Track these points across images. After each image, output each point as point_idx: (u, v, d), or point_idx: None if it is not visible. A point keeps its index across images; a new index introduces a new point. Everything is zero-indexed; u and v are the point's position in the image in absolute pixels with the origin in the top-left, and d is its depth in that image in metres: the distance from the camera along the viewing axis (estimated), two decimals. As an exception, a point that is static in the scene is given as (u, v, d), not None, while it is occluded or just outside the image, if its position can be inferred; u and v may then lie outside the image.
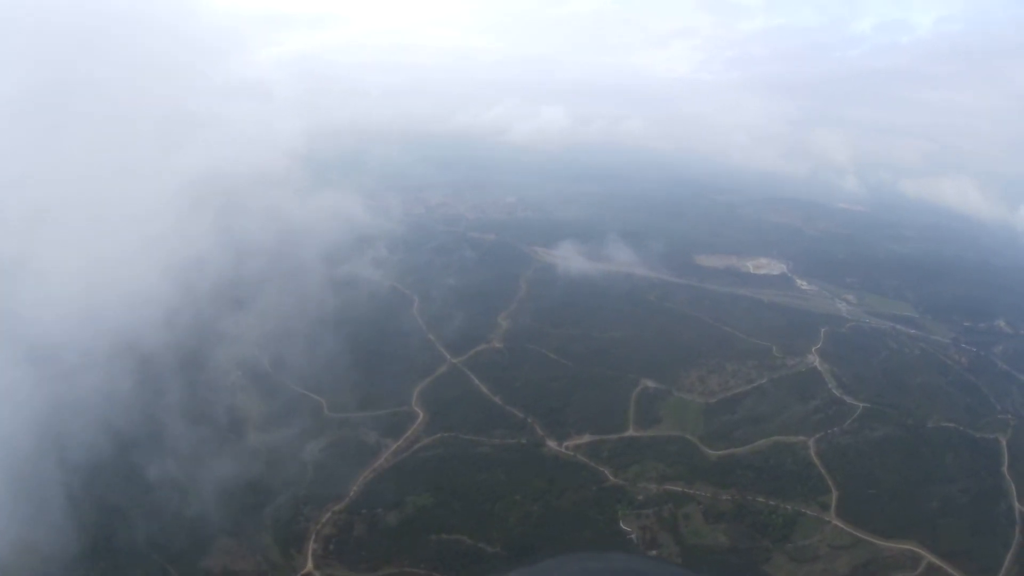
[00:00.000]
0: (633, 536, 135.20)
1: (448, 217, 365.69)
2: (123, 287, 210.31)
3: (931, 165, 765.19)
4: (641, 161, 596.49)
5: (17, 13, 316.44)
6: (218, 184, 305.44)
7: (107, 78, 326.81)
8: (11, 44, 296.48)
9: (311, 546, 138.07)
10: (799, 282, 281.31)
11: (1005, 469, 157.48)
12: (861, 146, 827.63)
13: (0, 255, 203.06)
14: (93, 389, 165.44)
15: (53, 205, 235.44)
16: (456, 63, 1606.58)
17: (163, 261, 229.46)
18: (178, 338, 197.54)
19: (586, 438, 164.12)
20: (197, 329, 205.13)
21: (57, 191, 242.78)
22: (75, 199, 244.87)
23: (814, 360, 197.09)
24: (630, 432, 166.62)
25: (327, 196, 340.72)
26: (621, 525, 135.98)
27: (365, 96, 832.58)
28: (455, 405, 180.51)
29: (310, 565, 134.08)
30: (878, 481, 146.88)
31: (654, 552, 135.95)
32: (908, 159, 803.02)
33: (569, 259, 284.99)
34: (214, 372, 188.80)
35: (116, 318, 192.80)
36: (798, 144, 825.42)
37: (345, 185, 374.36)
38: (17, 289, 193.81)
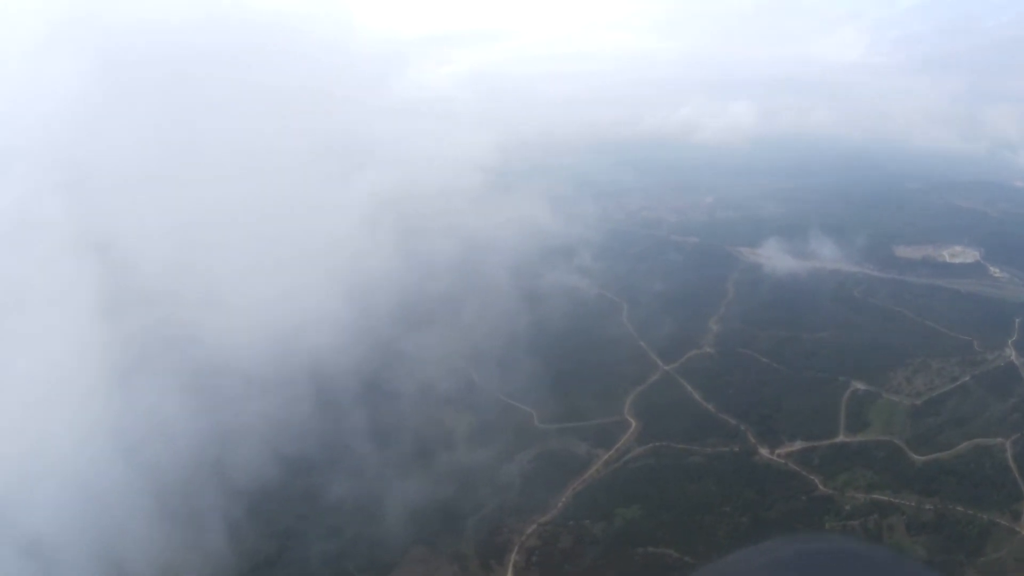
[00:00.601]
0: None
1: (649, 221, 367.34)
2: (330, 309, 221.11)
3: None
4: (828, 151, 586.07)
5: (193, 52, 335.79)
6: (409, 204, 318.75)
7: (285, 107, 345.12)
8: (193, 82, 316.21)
9: (512, 558, 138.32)
10: (991, 269, 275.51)
11: None
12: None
13: (184, 283, 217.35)
14: (287, 409, 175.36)
15: (237, 232, 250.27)
16: (634, 66, 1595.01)
17: (359, 280, 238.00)
18: (380, 353, 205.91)
19: (798, 445, 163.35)
20: (402, 342, 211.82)
21: (241, 218, 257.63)
22: (260, 226, 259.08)
23: (1011, 354, 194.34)
24: (840, 438, 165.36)
25: (524, 208, 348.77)
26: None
27: (548, 106, 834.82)
28: (668, 413, 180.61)
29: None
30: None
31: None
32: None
33: (774, 258, 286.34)
34: (419, 384, 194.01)
35: (319, 340, 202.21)
36: (969, 121, 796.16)
37: (541, 196, 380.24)
38: (202, 316, 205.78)
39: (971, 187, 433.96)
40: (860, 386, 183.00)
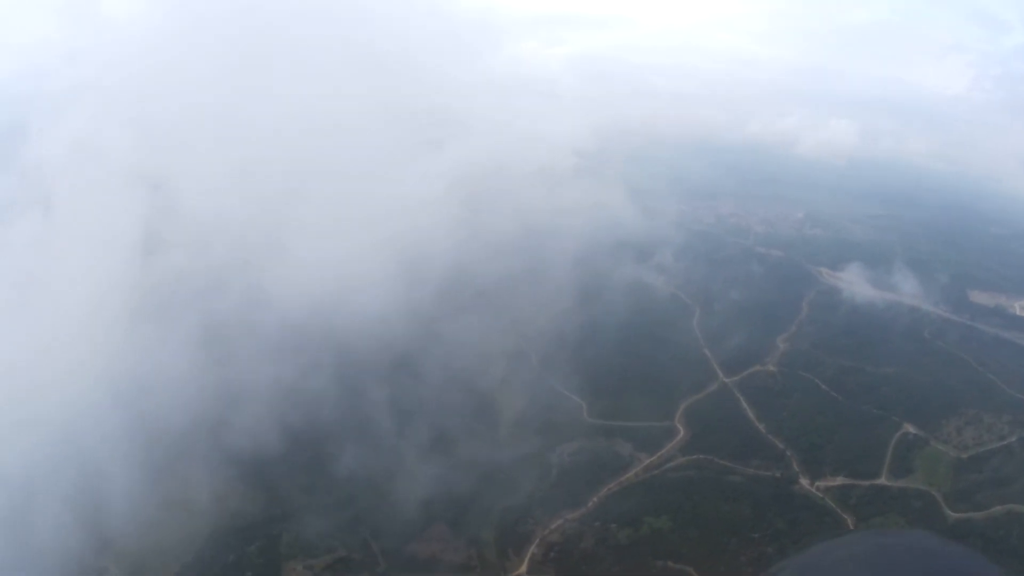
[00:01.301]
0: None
1: (737, 228, 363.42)
2: (379, 279, 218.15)
3: None
4: (920, 182, 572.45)
5: (285, 19, 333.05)
6: (493, 180, 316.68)
7: (372, 68, 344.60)
8: (280, 48, 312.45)
9: (531, 550, 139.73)
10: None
11: None
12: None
13: (228, 233, 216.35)
14: (305, 376, 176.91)
15: (298, 189, 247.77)
16: (743, 70, 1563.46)
17: (419, 253, 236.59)
18: (429, 329, 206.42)
19: (839, 480, 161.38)
20: (467, 321, 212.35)
21: (306, 176, 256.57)
22: (323, 186, 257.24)
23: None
24: (882, 480, 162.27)
25: (611, 197, 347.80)
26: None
27: (654, 98, 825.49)
28: (718, 427, 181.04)
29: (523, 568, 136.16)
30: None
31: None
32: None
33: (852, 284, 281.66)
34: (472, 362, 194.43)
35: (361, 308, 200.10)
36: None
37: (632, 187, 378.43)
38: (239, 268, 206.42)
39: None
40: (911, 429, 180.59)
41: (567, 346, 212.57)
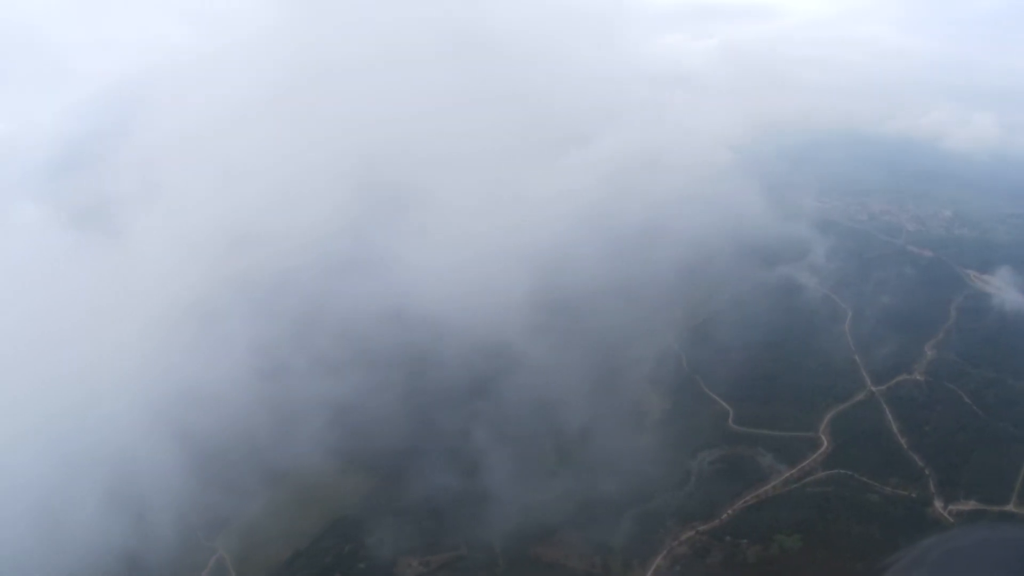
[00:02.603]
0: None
1: (889, 227, 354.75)
2: (503, 272, 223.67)
3: None
4: None
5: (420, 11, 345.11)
6: (650, 176, 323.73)
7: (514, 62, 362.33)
8: (414, 41, 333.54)
9: (657, 561, 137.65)
10: None
11: None
12: None
13: (317, 229, 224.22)
14: (457, 374, 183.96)
15: (409, 180, 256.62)
16: (887, 61, 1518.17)
17: (576, 252, 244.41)
18: (587, 326, 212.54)
19: (971, 504, 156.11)
20: (614, 319, 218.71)
21: (422, 168, 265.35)
22: (440, 178, 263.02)
23: None
24: (1010, 507, 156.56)
25: (768, 194, 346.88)
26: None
27: (802, 91, 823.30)
28: (861, 440, 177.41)
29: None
30: None
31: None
32: None
33: (999, 288, 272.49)
34: (623, 360, 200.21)
35: (482, 305, 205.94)
36: None
37: (787, 183, 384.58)
38: (315, 266, 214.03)
39: None
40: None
41: (717, 348, 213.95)
